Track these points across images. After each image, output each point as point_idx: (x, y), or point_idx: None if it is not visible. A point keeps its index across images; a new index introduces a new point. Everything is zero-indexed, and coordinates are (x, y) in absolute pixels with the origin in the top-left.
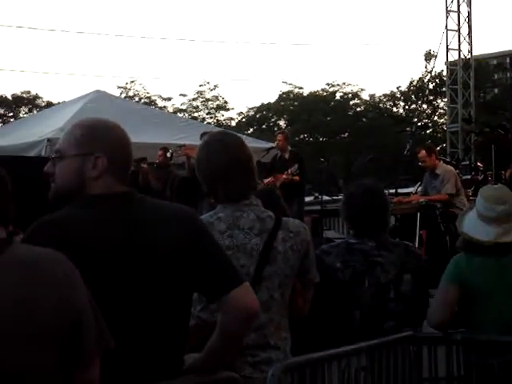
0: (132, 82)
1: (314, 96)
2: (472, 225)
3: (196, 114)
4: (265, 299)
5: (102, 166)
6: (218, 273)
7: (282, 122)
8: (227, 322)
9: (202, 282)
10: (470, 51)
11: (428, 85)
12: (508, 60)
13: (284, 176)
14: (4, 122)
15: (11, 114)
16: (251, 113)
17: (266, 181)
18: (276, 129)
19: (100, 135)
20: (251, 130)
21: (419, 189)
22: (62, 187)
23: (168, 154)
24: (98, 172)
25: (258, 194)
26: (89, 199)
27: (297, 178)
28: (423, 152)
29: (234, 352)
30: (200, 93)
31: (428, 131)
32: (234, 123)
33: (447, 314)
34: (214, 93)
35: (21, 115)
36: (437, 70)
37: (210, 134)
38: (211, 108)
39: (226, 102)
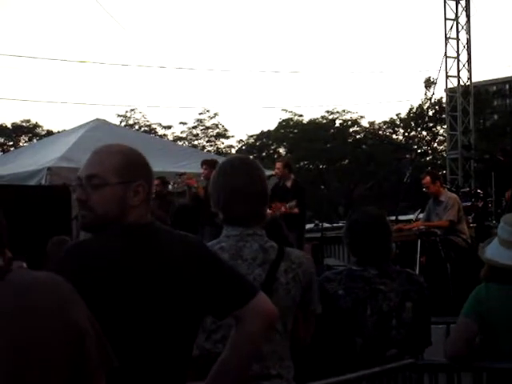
0: (132, 110)
1: (313, 123)
2: (496, 251)
3: (196, 142)
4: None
5: (144, 193)
6: (236, 285)
7: (281, 150)
8: (250, 330)
9: (221, 297)
10: (470, 78)
11: (427, 112)
12: (507, 86)
13: (282, 209)
14: (4, 151)
15: (11, 143)
16: (251, 140)
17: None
18: (276, 156)
19: (137, 163)
20: (251, 157)
21: (420, 215)
22: (103, 215)
23: (170, 187)
24: (140, 200)
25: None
26: (125, 228)
27: (296, 210)
28: (428, 178)
29: (246, 367)
30: (200, 121)
31: (428, 158)
32: (234, 151)
33: (463, 348)
34: (214, 121)
35: (21, 144)
36: (436, 96)
37: (234, 155)
38: (211, 136)
39: (225, 130)
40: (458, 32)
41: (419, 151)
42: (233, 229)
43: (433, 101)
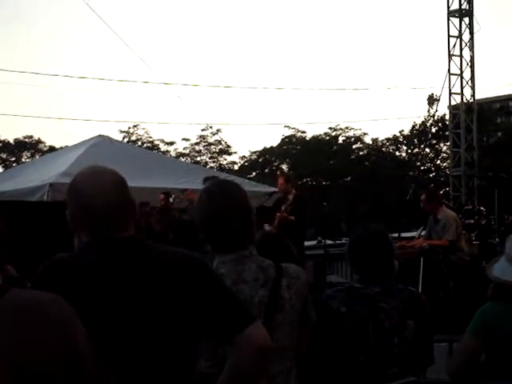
0: (135, 126)
1: (316, 140)
2: (503, 269)
3: (199, 159)
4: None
5: None
6: (232, 312)
7: (284, 166)
8: (242, 359)
9: (213, 323)
10: (473, 95)
11: (431, 129)
12: (511, 104)
13: (278, 214)
14: (6, 167)
15: (13, 159)
16: (254, 157)
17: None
18: (279, 173)
19: None
20: (254, 173)
21: (423, 233)
22: None
23: (171, 200)
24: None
25: (266, 240)
26: (107, 243)
27: (292, 217)
28: (423, 197)
29: None
30: (203, 137)
31: (431, 175)
32: (236, 167)
33: (465, 366)
34: (217, 137)
35: (23, 160)
36: (439, 113)
37: (210, 182)
38: (214, 152)
39: (228, 146)
40: (461, 49)
41: (422, 168)
42: (225, 255)
43: (436, 118)
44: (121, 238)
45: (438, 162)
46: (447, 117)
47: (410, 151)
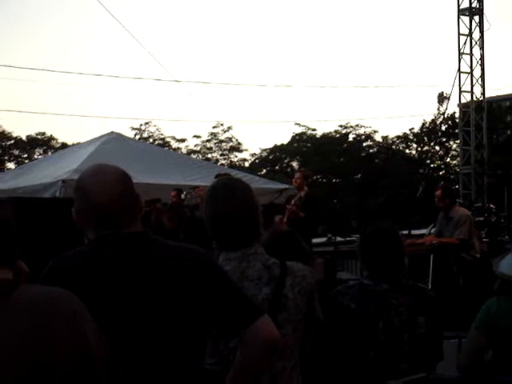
0: (146, 123)
1: (327, 137)
2: (510, 265)
3: (210, 156)
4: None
5: None
6: (239, 306)
7: (295, 164)
8: (250, 353)
9: (221, 317)
10: (483, 93)
11: (441, 126)
12: None
13: (287, 206)
14: (19, 164)
15: (26, 156)
16: (264, 154)
17: (276, 219)
18: (289, 170)
19: None
20: (264, 171)
21: (432, 230)
22: None
23: (182, 196)
24: None
25: (277, 238)
26: (116, 238)
27: (302, 214)
28: (439, 192)
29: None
30: (214, 134)
31: (441, 173)
32: (247, 164)
33: (472, 361)
34: (228, 134)
35: (35, 156)
36: (449, 111)
37: (218, 179)
38: (225, 149)
39: (239, 144)
40: (471, 47)
41: (432, 166)
42: (230, 252)
43: (446, 116)
44: (127, 234)
45: (448, 159)
46: (457, 115)
47: (419, 149)
